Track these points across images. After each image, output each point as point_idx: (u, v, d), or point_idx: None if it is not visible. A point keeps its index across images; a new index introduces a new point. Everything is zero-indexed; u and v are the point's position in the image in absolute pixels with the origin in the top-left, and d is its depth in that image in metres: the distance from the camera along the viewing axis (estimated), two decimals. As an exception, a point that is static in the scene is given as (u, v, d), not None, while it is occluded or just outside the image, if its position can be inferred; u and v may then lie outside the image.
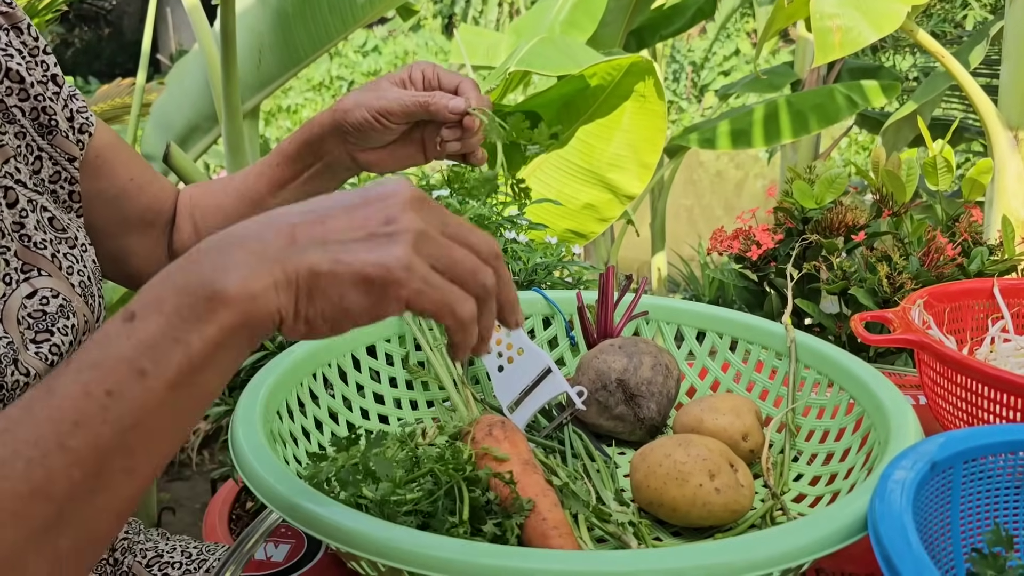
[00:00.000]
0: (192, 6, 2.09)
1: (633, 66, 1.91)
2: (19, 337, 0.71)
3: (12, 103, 0.79)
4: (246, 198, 0.93)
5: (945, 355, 0.82)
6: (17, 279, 0.73)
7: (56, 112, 0.82)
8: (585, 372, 0.94)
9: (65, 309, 0.75)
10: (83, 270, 0.80)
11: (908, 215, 1.51)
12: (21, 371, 0.69)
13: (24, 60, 0.81)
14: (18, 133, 0.79)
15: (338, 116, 0.88)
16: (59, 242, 0.79)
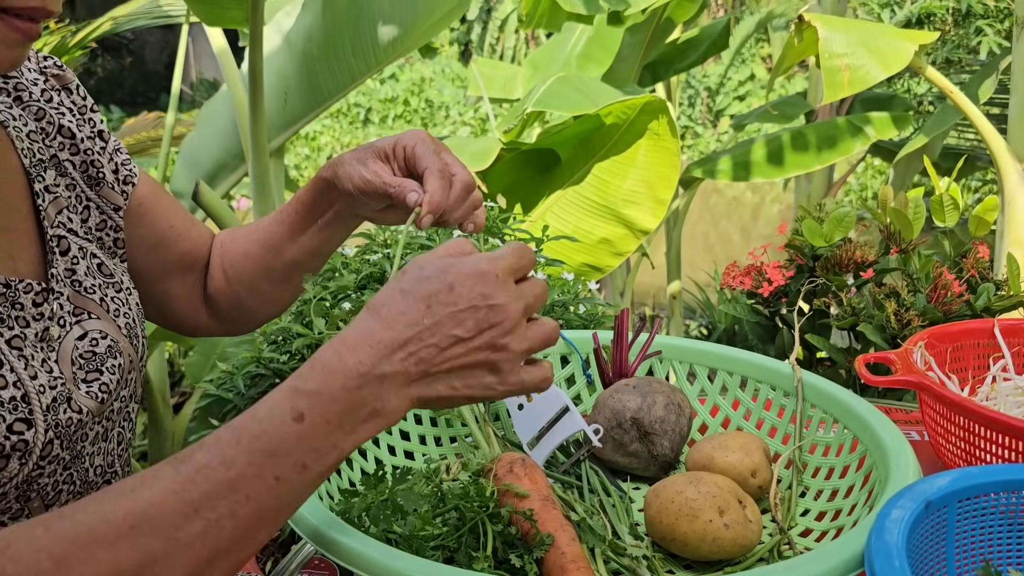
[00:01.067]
0: (221, 49, 2.17)
1: (647, 105, 1.97)
2: (72, 377, 0.77)
3: (64, 157, 0.86)
4: (268, 245, 0.98)
5: (944, 396, 0.87)
6: (70, 322, 0.79)
7: (103, 165, 0.88)
8: (601, 411, 0.99)
9: (113, 349, 0.81)
10: (128, 312, 0.86)
11: (916, 252, 1.55)
12: (74, 409, 0.75)
13: (75, 118, 0.87)
14: (69, 185, 0.85)
15: (336, 179, 0.90)
16: (107, 287, 0.85)
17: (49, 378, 0.73)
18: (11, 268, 0.76)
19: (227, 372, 1.60)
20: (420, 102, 14.18)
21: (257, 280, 0.99)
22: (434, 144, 0.86)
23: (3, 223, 0.77)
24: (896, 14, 7.45)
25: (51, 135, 0.85)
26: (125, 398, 0.84)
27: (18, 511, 0.72)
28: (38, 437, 0.70)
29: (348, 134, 12.57)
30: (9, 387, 0.69)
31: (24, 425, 0.69)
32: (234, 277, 1.00)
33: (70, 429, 0.74)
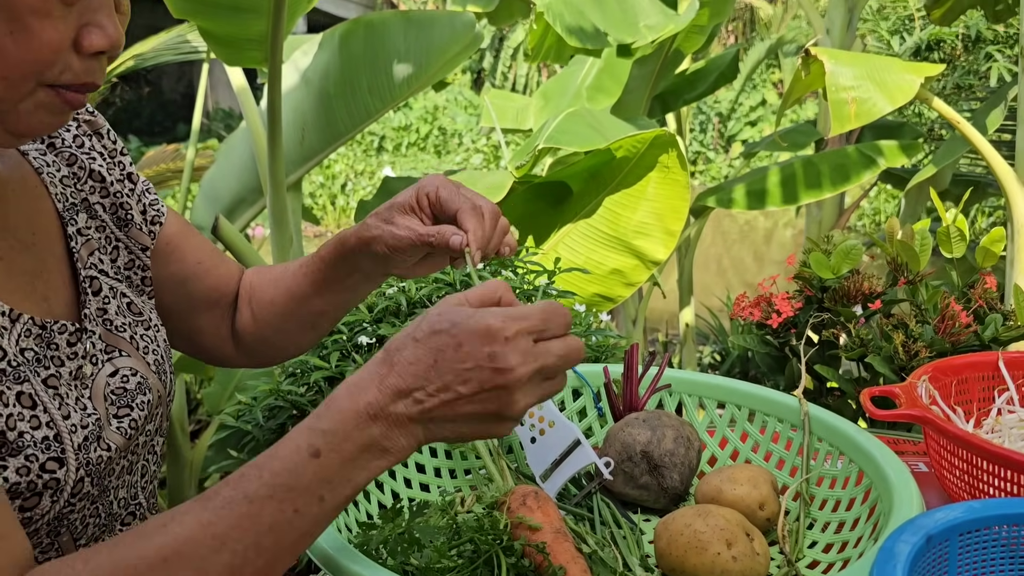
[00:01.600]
0: (240, 87, 2.23)
1: (657, 139, 2.00)
2: (105, 413, 0.80)
3: (95, 200, 0.89)
4: (294, 295, 1.01)
5: (946, 430, 0.89)
6: (102, 360, 0.83)
7: (132, 207, 0.92)
8: (612, 444, 1.01)
9: (142, 386, 0.85)
10: (156, 349, 0.89)
11: (924, 283, 1.57)
12: (103, 447, 0.78)
13: (105, 162, 0.91)
14: (99, 227, 0.89)
15: (363, 245, 0.93)
16: (136, 324, 0.88)
17: (82, 416, 0.77)
18: (46, 310, 0.79)
19: (246, 404, 1.63)
20: (433, 130, 14.32)
21: (284, 324, 1.03)
22: (453, 183, 0.90)
23: (39, 267, 0.81)
24: (905, 41, 7.50)
25: (82, 179, 0.89)
26: (150, 432, 0.87)
27: (48, 545, 0.75)
28: (69, 475, 0.73)
29: (362, 162, 12.69)
30: (42, 427, 0.72)
31: (56, 464, 0.72)
32: (261, 319, 1.03)
33: (100, 466, 0.77)
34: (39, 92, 0.69)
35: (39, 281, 0.80)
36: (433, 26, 2.17)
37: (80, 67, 0.70)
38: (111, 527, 0.82)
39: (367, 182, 11.77)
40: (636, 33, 2.53)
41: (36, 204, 0.83)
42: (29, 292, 0.78)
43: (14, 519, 0.65)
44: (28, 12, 0.65)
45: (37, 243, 0.81)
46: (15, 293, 0.77)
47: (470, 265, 0.85)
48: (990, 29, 6.74)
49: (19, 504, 0.70)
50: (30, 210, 0.82)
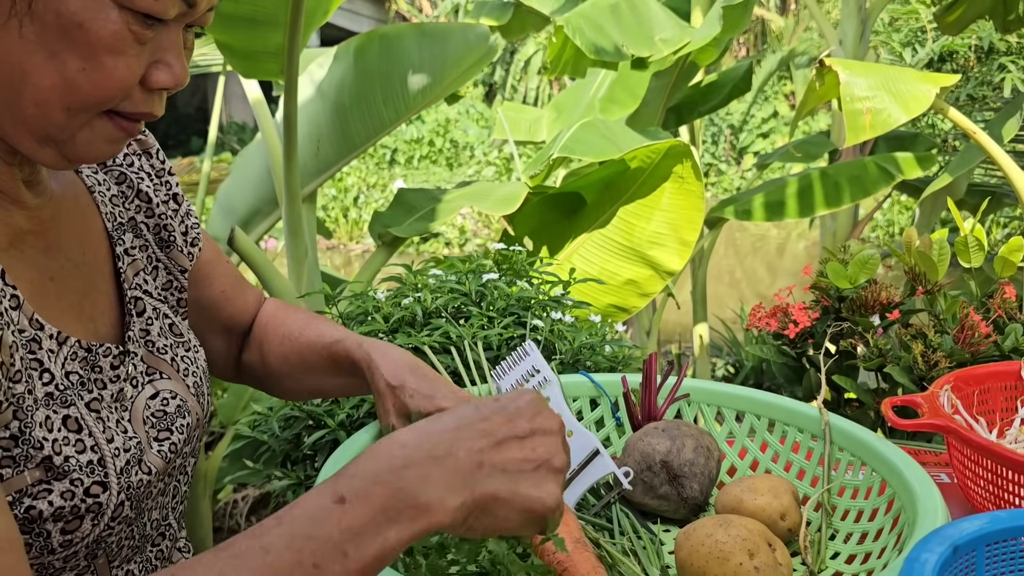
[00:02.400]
0: (256, 100, 2.25)
1: (671, 149, 2.00)
2: (145, 437, 0.80)
3: (140, 220, 0.90)
4: (307, 366, 1.02)
5: (971, 440, 0.88)
6: (143, 382, 0.83)
7: (174, 228, 0.92)
8: (631, 454, 1.01)
9: (182, 409, 0.85)
10: (196, 371, 0.89)
11: (942, 293, 1.56)
12: (144, 471, 0.77)
13: (152, 182, 0.91)
14: (143, 246, 0.90)
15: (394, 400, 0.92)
16: (177, 346, 0.88)
17: (124, 439, 0.76)
18: (92, 331, 0.79)
19: (262, 414, 1.63)
20: (445, 143, 14.37)
21: (287, 380, 1.05)
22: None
23: (88, 287, 0.81)
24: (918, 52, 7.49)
25: (130, 199, 0.89)
26: (186, 454, 0.87)
27: (84, 568, 0.74)
28: (111, 499, 0.72)
29: (374, 175, 12.74)
30: (87, 451, 0.72)
31: (100, 488, 0.72)
32: (269, 365, 1.05)
33: (139, 490, 0.77)
34: (96, 121, 0.69)
35: (87, 301, 0.80)
36: (447, 38, 2.18)
37: (141, 99, 0.71)
38: (143, 548, 0.82)
39: (379, 195, 11.81)
40: (652, 47, 2.53)
41: (87, 223, 0.83)
42: (77, 313, 0.78)
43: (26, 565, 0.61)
44: (104, 51, 0.65)
45: (87, 262, 0.81)
46: (65, 314, 0.77)
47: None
48: (1003, 40, 6.72)
49: (61, 527, 0.69)
50: (82, 229, 0.82)
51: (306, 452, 1.49)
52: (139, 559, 0.81)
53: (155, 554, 0.85)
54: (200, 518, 2.44)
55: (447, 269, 1.59)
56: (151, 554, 0.84)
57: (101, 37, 0.65)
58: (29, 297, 0.72)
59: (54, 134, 0.68)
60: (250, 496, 3.23)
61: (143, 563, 0.82)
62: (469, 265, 1.61)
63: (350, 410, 1.37)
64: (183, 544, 0.92)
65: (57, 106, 0.66)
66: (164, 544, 0.86)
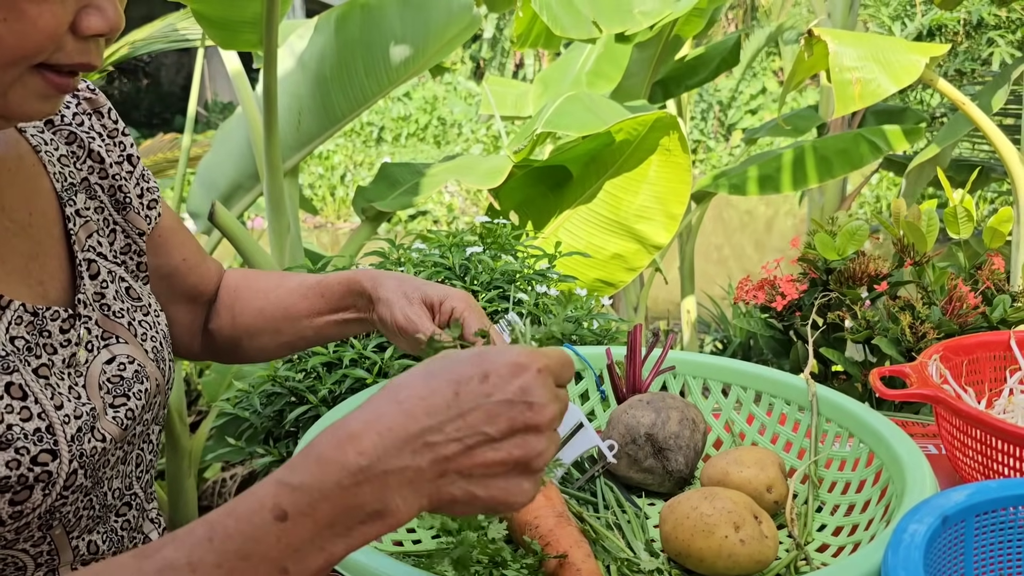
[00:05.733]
0: (236, 72, 2.20)
1: (658, 121, 1.97)
2: (100, 403, 0.77)
3: (94, 181, 0.87)
4: (285, 312, 1.00)
5: (959, 410, 0.86)
6: (98, 347, 0.80)
7: (130, 190, 0.89)
8: (615, 427, 0.99)
9: (140, 374, 0.82)
10: (155, 336, 0.87)
11: (930, 264, 1.54)
12: (98, 438, 0.75)
13: (104, 142, 0.88)
14: (97, 208, 0.86)
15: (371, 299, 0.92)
16: (135, 310, 0.86)
17: (76, 405, 0.74)
18: (41, 294, 0.77)
19: (243, 391, 1.61)
20: (433, 120, 14.27)
21: (263, 336, 1.02)
22: (480, 313, 0.89)
23: (35, 249, 0.78)
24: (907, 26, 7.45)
25: (81, 159, 0.86)
26: (147, 421, 0.84)
27: (40, 539, 0.72)
28: (62, 468, 0.70)
29: (361, 153, 12.66)
30: (34, 418, 0.69)
31: (49, 456, 0.69)
32: (241, 325, 1.03)
33: (94, 458, 0.74)
34: (27, 77, 0.66)
35: (35, 264, 0.77)
36: (430, 8, 2.13)
37: (75, 49, 0.66)
38: (105, 519, 0.80)
39: (366, 173, 11.73)
40: (630, 21, 2.49)
41: (33, 183, 0.80)
42: (24, 276, 0.76)
43: None
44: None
45: (34, 224, 0.78)
46: (9, 277, 0.74)
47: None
48: (992, 14, 6.70)
49: (9, 498, 0.67)
50: (27, 190, 0.79)
51: (288, 428, 1.48)
52: (102, 529, 0.79)
53: (120, 524, 0.82)
54: (185, 496, 2.42)
55: (431, 244, 1.57)
56: (116, 524, 0.81)
57: None
58: None
59: None
60: (238, 475, 3.21)
61: (107, 533, 0.80)
62: (453, 239, 1.58)
63: (332, 385, 1.35)
64: (154, 515, 0.90)
65: None
66: (131, 515, 0.84)
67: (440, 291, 0.90)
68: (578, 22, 2.43)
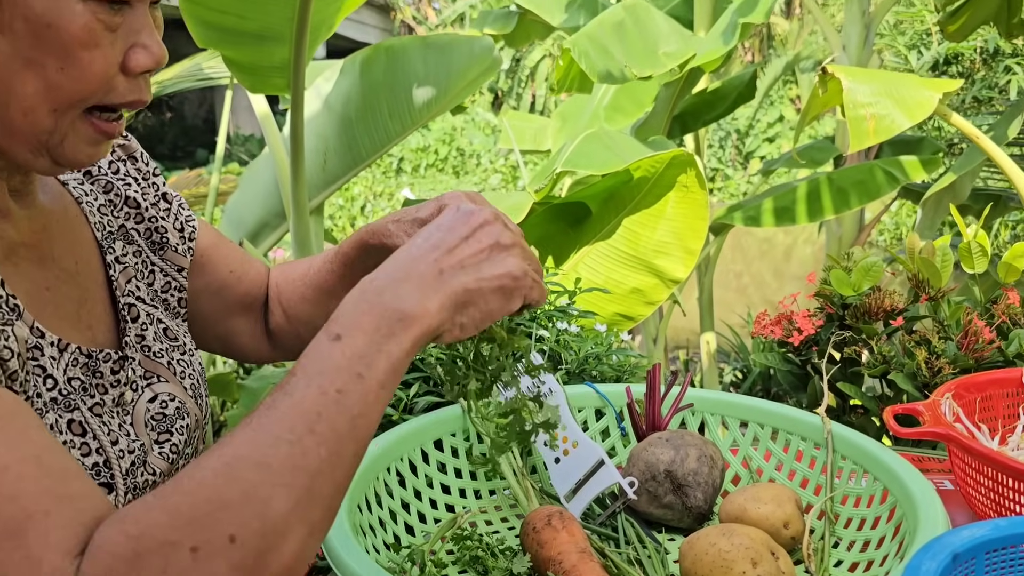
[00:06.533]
0: (263, 114, 2.27)
1: (675, 159, 2.02)
2: (147, 439, 0.82)
3: (131, 226, 0.92)
4: (322, 289, 1.02)
5: (971, 448, 0.89)
6: (142, 386, 0.85)
7: (167, 229, 0.94)
8: (635, 464, 1.02)
9: (180, 410, 0.86)
10: (192, 374, 0.91)
11: (945, 299, 1.56)
12: (149, 471, 0.79)
13: (140, 186, 0.93)
14: (135, 252, 0.91)
15: (381, 246, 0.93)
16: (173, 350, 0.90)
17: (127, 442, 0.78)
18: (90, 338, 0.82)
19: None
20: (452, 151, 14.41)
21: (315, 318, 1.03)
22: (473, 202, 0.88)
23: (83, 295, 0.83)
24: (923, 55, 7.48)
25: (118, 206, 0.91)
26: (188, 456, 0.89)
27: None
28: (118, 500, 0.74)
29: (381, 183, 12.79)
30: (92, 454, 0.74)
31: (106, 489, 0.74)
32: (293, 316, 1.05)
33: (146, 490, 0.78)
34: (78, 123, 0.71)
35: (83, 310, 0.82)
36: (452, 51, 2.20)
37: (126, 87, 0.71)
38: None
39: (386, 203, 11.86)
40: (656, 63, 2.55)
41: (77, 234, 0.85)
42: (75, 321, 0.80)
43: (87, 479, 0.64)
44: (78, 46, 0.67)
45: (80, 272, 0.83)
46: (63, 323, 0.79)
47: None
48: (1009, 43, 6.72)
49: None
50: (72, 240, 0.84)
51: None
52: None
53: None
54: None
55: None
56: None
57: (72, 33, 0.66)
58: (28, 306, 0.74)
59: (45, 139, 0.70)
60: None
61: None
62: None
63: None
64: None
65: (44, 110, 0.68)
66: None
67: (430, 205, 0.92)
68: (613, 67, 2.49)
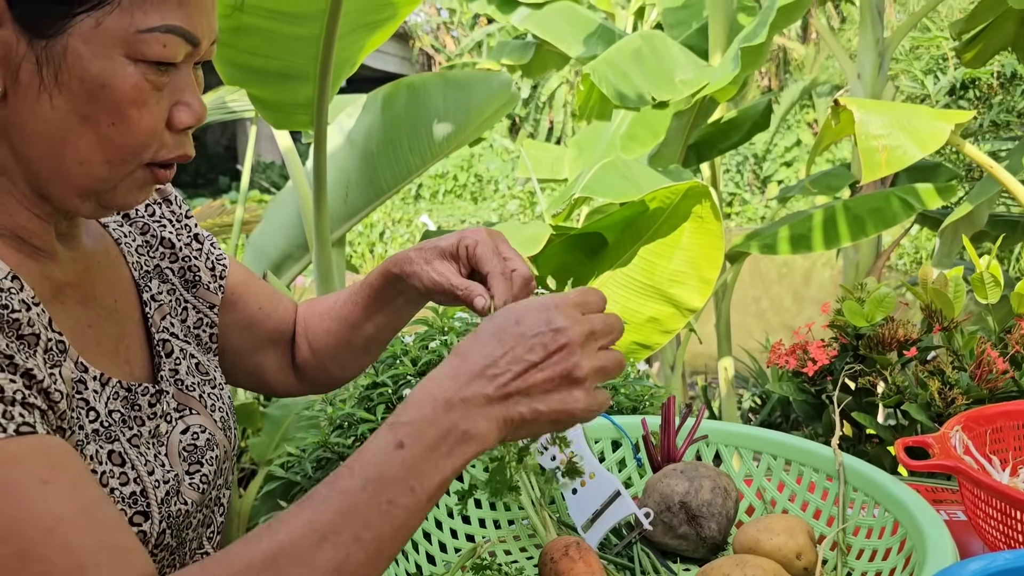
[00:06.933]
0: (287, 148, 2.33)
1: (690, 190, 2.05)
2: (181, 470, 0.86)
3: (165, 265, 0.97)
4: (347, 323, 1.06)
5: (979, 481, 0.91)
6: (175, 418, 0.89)
7: (200, 268, 0.99)
8: (651, 495, 1.04)
9: (211, 442, 0.90)
10: (222, 406, 0.95)
11: (959, 329, 1.58)
12: (182, 501, 0.83)
13: (174, 228, 0.99)
14: (169, 290, 0.96)
15: (404, 276, 0.96)
16: (204, 383, 0.95)
17: (163, 472, 0.82)
18: (128, 372, 0.86)
19: (295, 456, 1.69)
20: (470, 177, 14.52)
21: (340, 352, 1.08)
22: (493, 241, 0.92)
23: (121, 332, 0.87)
24: (940, 80, 7.49)
25: (154, 247, 0.96)
26: (219, 486, 0.92)
27: None
28: (153, 528, 0.78)
29: (399, 210, 12.90)
30: (130, 483, 0.78)
31: (142, 518, 0.77)
32: (318, 350, 1.09)
33: (179, 519, 0.82)
34: (136, 171, 0.76)
35: (121, 345, 0.87)
36: (471, 87, 2.25)
37: (173, 142, 0.77)
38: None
39: (404, 230, 11.95)
40: (672, 90, 2.60)
41: (117, 273, 0.90)
42: (114, 356, 0.85)
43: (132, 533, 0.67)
44: (129, 104, 0.72)
45: (119, 309, 0.88)
46: (104, 358, 0.83)
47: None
48: (1026, 66, 6.71)
49: None
50: (112, 279, 0.89)
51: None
52: None
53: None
54: (234, 556, 2.48)
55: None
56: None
57: (124, 92, 0.72)
58: (73, 343, 0.78)
59: (98, 187, 0.75)
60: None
61: None
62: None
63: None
64: None
65: (98, 161, 0.74)
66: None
67: (451, 238, 0.93)
68: (632, 91, 2.54)
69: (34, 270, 0.78)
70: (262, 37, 1.84)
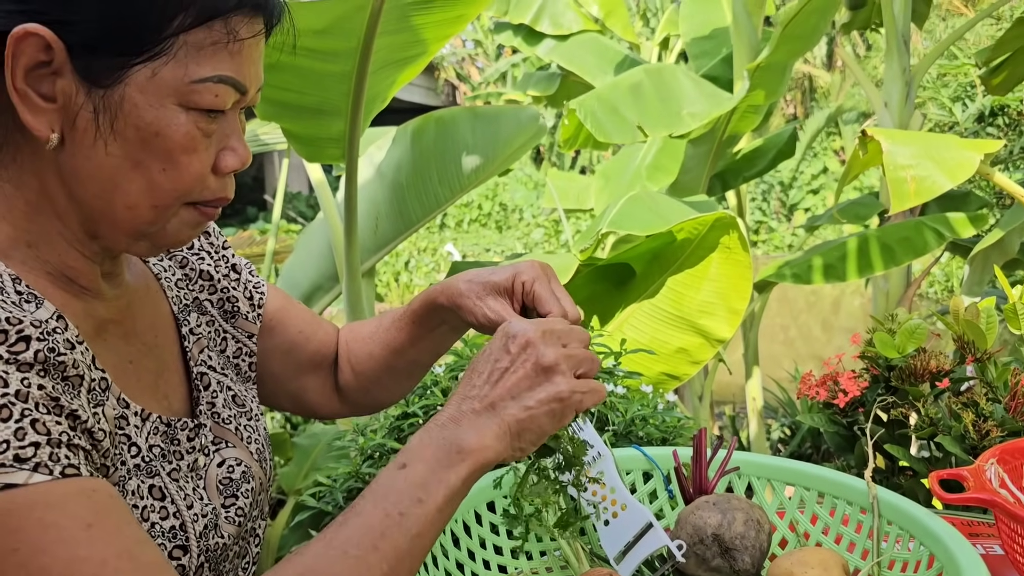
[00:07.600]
0: (319, 182, 2.37)
1: (718, 221, 2.06)
2: (219, 503, 0.87)
3: (204, 297, 0.99)
4: (390, 348, 1.08)
5: (1015, 514, 0.90)
6: (212, 451, 0.90)
7: (238, 298, 1.01)
8: (683, 527, 1.04)
9: (247, 474, 0.92)
10: (258, 439, 0.97)
11: (992, 360, 1.57)
12: (219, 535, 0.85)
13: (212, 259, 1.01)
14: (208, 322, 0.98)
15: (452, 308, 0.97)
16: (240, 416, 0.96)
17: (201, 506, 0.84)
18: (167, 407, 0.88)
19: (326, 485, 1.70)
20: (494, 206, 14.60)
21: (383, 376, 1.10)
22: (547, 278, 0.93)
23: (160, 366, 0.89)
24: (968, 107, 7.45)
25: (193, 280, 0.98)
26: (255, 517, 0.94)
27: None
28: (192, 561, 0.79)
29: (424, 239, 12.97)
30: (170, 517, 0.79)
31: (181, 551, 0.79)
32: (361, 373, 1.10)
33: (217, 553, 0.84)
34: (182, 211, 0.79)
35: (161, 380, 0.88)
36: (499, 120, 2.29)
37: (216, 185, 0.80)
38: None
39: (430, 259, 12.02)
40: (677, 123, 2.61)
41: (157, 308, 0.92)
42: (154, 391, 0.87)
43: (173, 572, 0.70)
44: (180, 151, 0.75)
45: (158, 344, 0.90)
46: (144, 393, 0.85)
47: None
48: (1056, 93, 6.66)
49: None
50: (153, 314, 0.91)
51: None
52: None
53: None
54: (263, 585, 2.49)
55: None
56: None
57: (176, 140, 0.75)
58: (115, 379, 0.80)
59: (145, 229, 0.78)
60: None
61: None
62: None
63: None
64: None
65: (145, 206, 0.76)
66: None
67: (506, 273, 0.93)
68: (622, 128, 2.56)
69: (79, 308, 0.80)
70: (296, 74, 1.88)
